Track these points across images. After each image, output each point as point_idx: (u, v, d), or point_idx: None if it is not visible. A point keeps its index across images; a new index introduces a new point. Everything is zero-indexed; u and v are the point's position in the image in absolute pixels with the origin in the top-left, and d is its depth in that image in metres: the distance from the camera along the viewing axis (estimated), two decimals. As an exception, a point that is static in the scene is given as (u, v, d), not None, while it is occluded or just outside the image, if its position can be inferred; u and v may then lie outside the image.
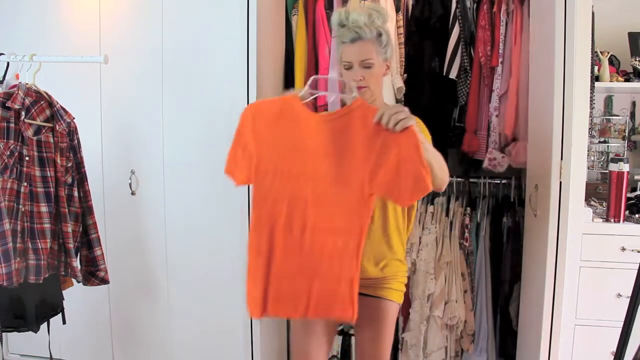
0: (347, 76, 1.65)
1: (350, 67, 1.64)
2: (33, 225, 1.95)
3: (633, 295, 1.26)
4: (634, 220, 2.18)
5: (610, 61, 2.60)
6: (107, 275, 2.16)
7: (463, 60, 2.52)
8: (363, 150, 1.45)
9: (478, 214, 2.63)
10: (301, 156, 1.48)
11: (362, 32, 1.62)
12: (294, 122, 1.50)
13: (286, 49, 2.67)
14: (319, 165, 1.48)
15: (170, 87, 2.44)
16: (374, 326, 1.72)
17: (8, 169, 1.88)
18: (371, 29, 1.63)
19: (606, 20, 2.55)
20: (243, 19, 2.17)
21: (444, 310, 2.54)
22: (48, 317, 2.13)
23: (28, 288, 1.97)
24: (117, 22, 2.48)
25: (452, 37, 2.51)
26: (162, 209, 2.49)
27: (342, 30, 1.65)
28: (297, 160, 1.48)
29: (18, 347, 2.76)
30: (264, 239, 1.47)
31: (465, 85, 2.54)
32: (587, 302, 2.11)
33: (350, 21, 1.64)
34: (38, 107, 1.97)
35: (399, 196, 1.43)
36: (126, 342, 2.64)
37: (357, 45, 1.64)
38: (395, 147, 1.41)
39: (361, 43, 1.63)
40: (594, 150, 2.67)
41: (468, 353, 2.59)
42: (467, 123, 2.56)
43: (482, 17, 2.48)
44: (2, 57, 2.07)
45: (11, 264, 1.84)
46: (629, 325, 1.25)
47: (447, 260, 2.58)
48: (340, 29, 1.66)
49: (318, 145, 1.49)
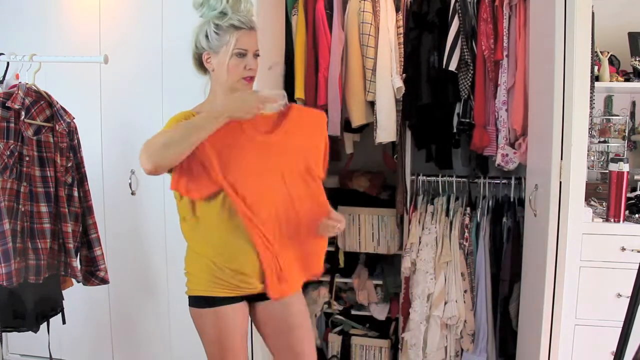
0: (238, 65, 1.60)
1: (244, 55, 1.61)
2: (33, 225, 1.95)
3: (633, 295, 1.25)
4: (634, 220, 2.18)
5: (610, 61, 2.59)
6: (107, 275, 2.16)
7: (463, 52, 2.50)
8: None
9: (478, 214, 2.63)
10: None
11: (253, 21, 1.64)
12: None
13: (286, 49, 2.67)
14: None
15: (170, 87, 2.44)
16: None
17: (8, 169, 1.88)
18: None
19: (606, 20, 2.55)
20: (243, 19, 2.17)
21: (444, 310, 2.54)
22: (48, 317, 2.13)
23: (28, 288, 1.97)
24: (117, 22, 2.48)
25: (452, 30, 2.50)
26: (162, 209, 2.49)
27: (233, 15, 1.60)
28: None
29: (18, 347, 2.76)
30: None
31: (466, 78, 2.52)
32: (587, 302, 2.11)
33: (241, 8, 1.62)
34: (38, 107, 1.97)
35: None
36: (126, 342, 2.64)
37: (252, 34, 1.63)
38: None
39: (254, 32, 1.64)
40: (594, 150, 2.66)
41: (468, 353, 2.59)
42: (477, 118, 2.53)
43: (484, 10, 2.47)
44: (2, 57, 2.07)
45: (11, 264, 1.84)
46: (629, 325, 1.25)
47: (447, 260, 2.58)
48: (231, 14, 1.60)
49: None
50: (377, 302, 2.93)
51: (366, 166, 3.12)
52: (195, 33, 1.66)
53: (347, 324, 2.95)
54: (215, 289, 1.61)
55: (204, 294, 1.63)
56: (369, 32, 2.52)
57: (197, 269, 1.65)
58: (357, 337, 2.88)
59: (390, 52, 2.56)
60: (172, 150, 1.43)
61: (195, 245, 1.66)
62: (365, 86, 2.56)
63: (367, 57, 2.54)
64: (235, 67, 1.60)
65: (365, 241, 2.87)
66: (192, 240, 1.67)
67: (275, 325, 1.72)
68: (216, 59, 1.62)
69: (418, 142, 2.81)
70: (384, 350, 2.82)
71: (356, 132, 2.79)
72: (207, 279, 1.62)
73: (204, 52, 1.64)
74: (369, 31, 2.52)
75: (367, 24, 2.52)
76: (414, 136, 2.77)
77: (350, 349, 2.86)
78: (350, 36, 2.57)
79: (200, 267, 1.64)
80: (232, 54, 1.59)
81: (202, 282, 1.63)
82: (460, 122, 2.60)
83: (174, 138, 1.44)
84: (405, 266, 2.66)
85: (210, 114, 1.48)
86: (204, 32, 1.63)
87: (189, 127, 1.46)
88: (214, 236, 1.60)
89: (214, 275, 1.61)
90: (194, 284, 1.66)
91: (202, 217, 1.60)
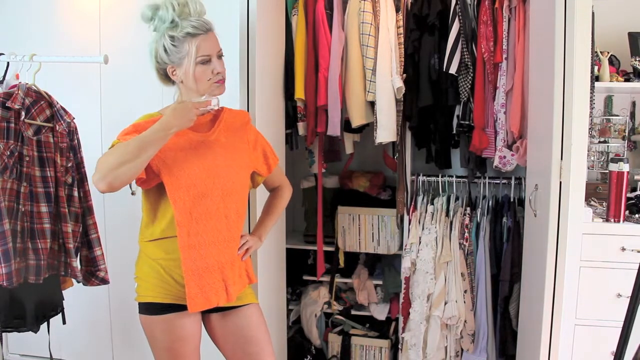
0: (204, 72, 1.58)
1: (208, 61, 1.58)
2: (33, 225, 1.95)
3: (633, 295, 1.25)
4: (634, 220, 2.18)
5: (610, 61, 2.59)
6: (107, 275, 2.15)
7: (463, 55, 2.50)
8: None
9: (478, 214, 2.63)
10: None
11: (208, 22, 1.59)
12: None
13: (286, 49, 2.67)
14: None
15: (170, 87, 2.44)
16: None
17: (8, 169, 1.88)
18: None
19: (606, 20, 2.55)
20: (243, 19, 2.17)
21: (444, 310, 2.54)
22: (48, 317, 2.13)
23: (28, 288, 1.97)
24: (117, 23, 2.48)
25: (452, 33, 2.50)
26: (162, 209, 2.49)
27: (185, 22, 1.55)
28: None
29: (18, 347, 2.76)
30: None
31: (466, 81, 2.52)
32: (587, 302, 2.11)
33: (192, 12, 1.57)
34: (38, 107, 1.96)
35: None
36: (126, 342, 2.64)
37: (211, 36, 1.59)
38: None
39: (212, 34, 1.60)
40: (594, 150, 2.67)
41: (468, 353, 2.59)
42: (476, 119, 2.54)
43: (484, 12, 2.48)
44: (2, 57, 2.07)
45: (11, 264, 1.84)
46: (629, 325, 1.25)
47: (447, 260, 2.58)
48: (183, 22, 1.55)
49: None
50: (377, 302, 2.93)
51: (366, 166, 3.12)
52: (153, 48, 1.62)
53: (347, 324, 2.96)
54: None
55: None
56: (369, 32, 2.52)
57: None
58: (357, 337, 2.88)
59: (391, 52, 2.56)
60: (125, 168, 1.42)
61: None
62: (365, 86, 2.56)
63: (367, 57, 2.54)
64: (202, 75, 1.58)
65: (365, 241, 2.87)
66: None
67: (231, 338, 1.70)
68: (181, 70, 1.59)
69: (418, 142, 2.81)
70: (384, 350, 2.83)
71: (356, 132, 2.79)
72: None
73: (166, 66, 1.61)
74: (369, 31, 2.52)
75: (367, 24, 2.52)
76: (414, 137, 2.77)
77: (350, 349, 2.86)
78: (350, 36, 2.57)
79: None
80: (196, 62, 1.57)
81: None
82: (459, 124, 2.60)
83: (126, 157, 1.42)
84: (405, 266, 2.66)
85: (160, 127, 1.47)
86: (161, 46, 1.59)
87: (141, 145, 1.43)
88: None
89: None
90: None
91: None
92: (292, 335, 2.98)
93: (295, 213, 3.19)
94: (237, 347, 1.70)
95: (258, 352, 1.69)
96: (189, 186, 1.56)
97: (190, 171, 1.57)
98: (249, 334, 1.69)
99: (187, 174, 1.57)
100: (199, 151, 1.62)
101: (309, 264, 3.11)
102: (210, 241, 1.60)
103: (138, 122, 1.60)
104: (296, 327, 3.05)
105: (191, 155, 1.60)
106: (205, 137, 1.65)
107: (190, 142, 1.62)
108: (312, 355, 2.97)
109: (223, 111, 1.73)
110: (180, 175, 1.56)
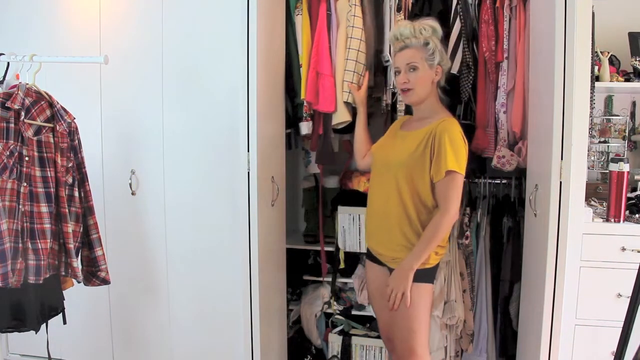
0: (396, 81, 2.03)
1: (399, 72, 2.00)
2: (33, 225, 1.95)
3: (633, 295, 1.25)
4: (634, 220, 2.18)
5: (611, 61, 2.60)
6: (108, 275, 2.16)
7: (465, 55, 2.49)
8: None
9: (478, 214, 2.63)
10: None
11: (409, 41, 1.98)
12: None
13: (286, 49, 2.66)
14: None
15: (170, 87, 2.45)
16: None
17: (8, 169, 1.88)
18: (418, 38, 1.97)
19: (606, 20, 2.55)
20: (243, 19, 2.17)
21: (443, 310, 2.54)
22: (49, 317, 2.13)
23: (29, 288, 1.97)
24: (118, 23, 2.48)
25: (453, 33, 2.49)
26: (162, 209, 2.49)
27: (395, 43, 2.01)
28: None
29: (18, 347, 2.76)
30: None
31: (467, 80, 2.51)
32: (587, 302, 2.11)
33: (399, 34, 2.00)
34: (38, 107, 1.96)
35: None
36: (126, 342, 2.64)
37: (404, 52, 2.00)
38: None
39: (407, 50, 1.99)
40: (594, 150, 2.67)
41: (468, 353, 2.59)
42: (478, 120, 2.53)
43: (485, 12, 2.47)
44: (2, 57, 2.06)
45: (7, 265, 1.84)
46: (629, 325, 1.25)
47: (446, 260, 2.58)
48: (395, 42, 2.02)
49: None
50: (377, 302, 2.93)
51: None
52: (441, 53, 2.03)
53: (347, 324, 2.95)
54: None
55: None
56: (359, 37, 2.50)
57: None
58: (357, 337, 2.88)
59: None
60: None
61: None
62: (342, 87, 2.50)
63: (358, 62, 2.51)
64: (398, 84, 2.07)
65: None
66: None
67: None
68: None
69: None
70: (384, 350, 2.82)
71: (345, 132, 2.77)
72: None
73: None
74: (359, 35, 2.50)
75: (357, 28, 2.49)
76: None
77: (350, 349, 2.86)
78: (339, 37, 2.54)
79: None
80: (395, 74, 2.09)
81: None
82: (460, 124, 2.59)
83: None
84: (406, 266, 2.66)
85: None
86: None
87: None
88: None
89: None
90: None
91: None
92: (292, 335, 2.98)
93: (295, 213, 3.19)
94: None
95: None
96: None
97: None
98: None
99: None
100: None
101: (309, 264, 3.11)
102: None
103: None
104: (296, 327, 3.05)
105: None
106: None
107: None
108: (312, 355, 2.97)
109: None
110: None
